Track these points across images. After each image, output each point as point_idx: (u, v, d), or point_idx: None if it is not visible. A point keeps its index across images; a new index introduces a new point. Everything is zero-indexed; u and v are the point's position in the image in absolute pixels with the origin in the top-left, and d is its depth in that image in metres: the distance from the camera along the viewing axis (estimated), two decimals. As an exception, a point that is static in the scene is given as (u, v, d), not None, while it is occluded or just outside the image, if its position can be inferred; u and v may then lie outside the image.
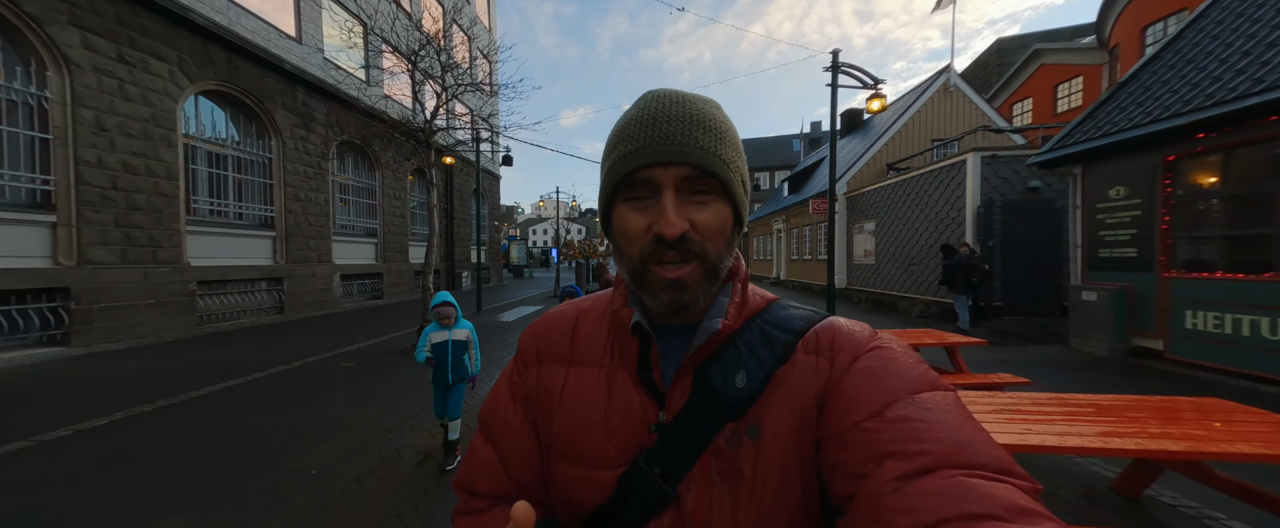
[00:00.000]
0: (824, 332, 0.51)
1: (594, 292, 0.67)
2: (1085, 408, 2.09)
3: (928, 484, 0.34)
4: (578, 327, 0.60)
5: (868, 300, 12.83)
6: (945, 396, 0.43)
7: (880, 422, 0.41)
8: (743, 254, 0.68)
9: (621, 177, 0.50)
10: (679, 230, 0.46)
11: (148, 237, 7.30)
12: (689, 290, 0.49)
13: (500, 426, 0.59)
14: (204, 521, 2.33)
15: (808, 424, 0.47)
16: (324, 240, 11.21)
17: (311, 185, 10.86)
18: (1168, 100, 5.41)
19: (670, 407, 0.51)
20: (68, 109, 6.39)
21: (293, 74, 10.11)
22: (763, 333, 0.53)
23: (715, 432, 0.48)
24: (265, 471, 2.88)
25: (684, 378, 0.52)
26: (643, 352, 0.54)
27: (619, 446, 0.52)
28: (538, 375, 0.59)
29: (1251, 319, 4.59)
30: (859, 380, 0.45)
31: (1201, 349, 5.03)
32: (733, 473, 0.47)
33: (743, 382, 0.49)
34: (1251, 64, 4.76)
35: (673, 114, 0.49)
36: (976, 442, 0.38)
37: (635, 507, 0.49)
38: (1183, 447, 1.66)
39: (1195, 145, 5.12)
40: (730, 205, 0.50)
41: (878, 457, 0.38)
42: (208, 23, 8.07)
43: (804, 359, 0.49)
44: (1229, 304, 4.79)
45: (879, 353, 0.47)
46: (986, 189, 9.01)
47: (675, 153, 0.47)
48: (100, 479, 2.75)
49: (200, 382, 4.86)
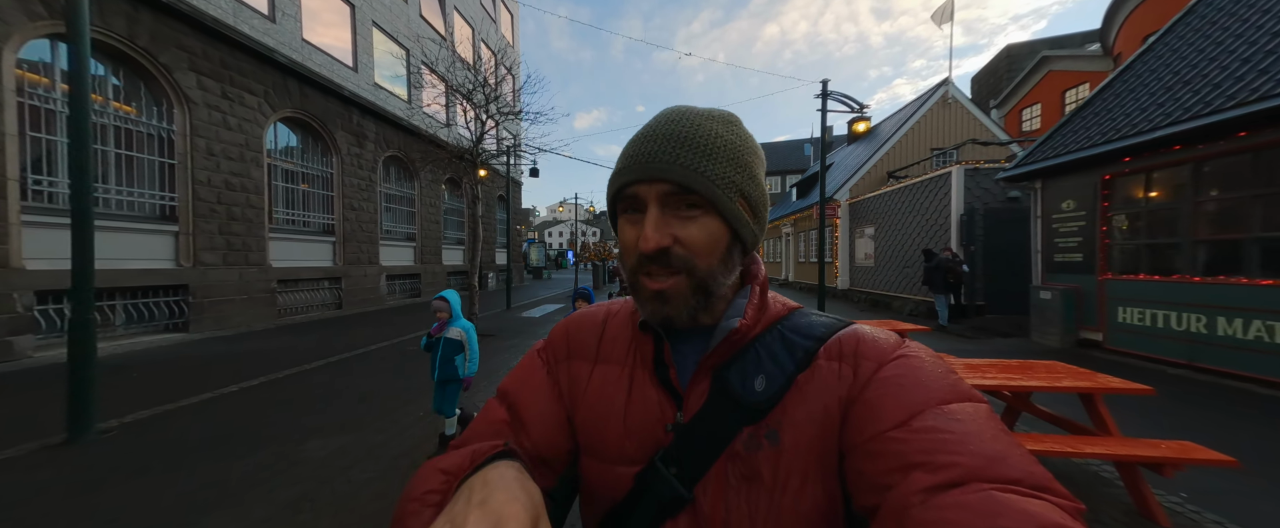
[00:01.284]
0: (847, 339, 0.51)
1: (613, 293, 0.97)
2: (986, 367, 2.97)
3: (958, 497, 0.33)
4: (606, 326, 0.62)
5: (866, 300, 13.73)
6: (977, 407, 0.41)
7: (907, 432, 0.40)
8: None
9: (614, 192, 0.53)
10: (653, 245, 0.48)
11: (242, 243, 8.73)
12: (672, 303, 0.50)
13: (530, 392, 0.59)
14: (361, 436, 3.54)
15: (830, 432, 0.46)
16: (372, 244, 12.64)
17: (363, 196, 12.29)
18: (1107, 127, 6.33)
19: (688, 408, 0.51)
20: (187, 139, 7.83)
21: (349, 99, 11.55)
22: (783, 338, 0.53)
23: (733, 435, 0.48)
24: (384, 414, 4.09)
25: (701, 380, 0.52)
26: (657, 351, 0.55)
27: (637, 443, 0.53)
28: (568, 370, 0.60)
29: (1164, 314, 5.50)
30: (884, 389, 0.44)
31: (1131, 340, 5.93)
32: (751, 477, 0.47)
33: (762, 386, 0.49)
34: (1168, 101, 5.67)
35: (662, 133, 0.50)
36: (1011, 456, 0.36)
37: (651, 506, 0.49)
38: (1012, 383, 2.62)
39: (1123, 167, 6.05)
40: (723, 221, 0.50)
41: (904, 467, 0.37)
42: (287, 61, 9.51)
43: (826, 366, 0.49)
44: (1149, 302, 5.69)
45: (905, 361, 0.46)
46: (970, 199, 9.90)
47: (656, 170, 0.49)
48: (276, 413, 4.00)
49: (308, 358, 6.16)
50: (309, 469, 2.98)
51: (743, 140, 0.52)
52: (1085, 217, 6.61)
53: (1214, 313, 5.00)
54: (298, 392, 4.68)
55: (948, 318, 8.65)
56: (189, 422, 3.82)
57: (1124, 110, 6.31)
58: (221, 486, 2.76)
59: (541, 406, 0.57)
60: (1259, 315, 4.62)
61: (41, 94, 6.20)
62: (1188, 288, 5.29)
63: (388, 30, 13.40)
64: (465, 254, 18.48)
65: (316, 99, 10.61)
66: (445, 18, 16.48)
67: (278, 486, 2.76)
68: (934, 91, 15.70)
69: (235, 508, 2.52)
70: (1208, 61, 5.65)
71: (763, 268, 0.58)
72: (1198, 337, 5.14)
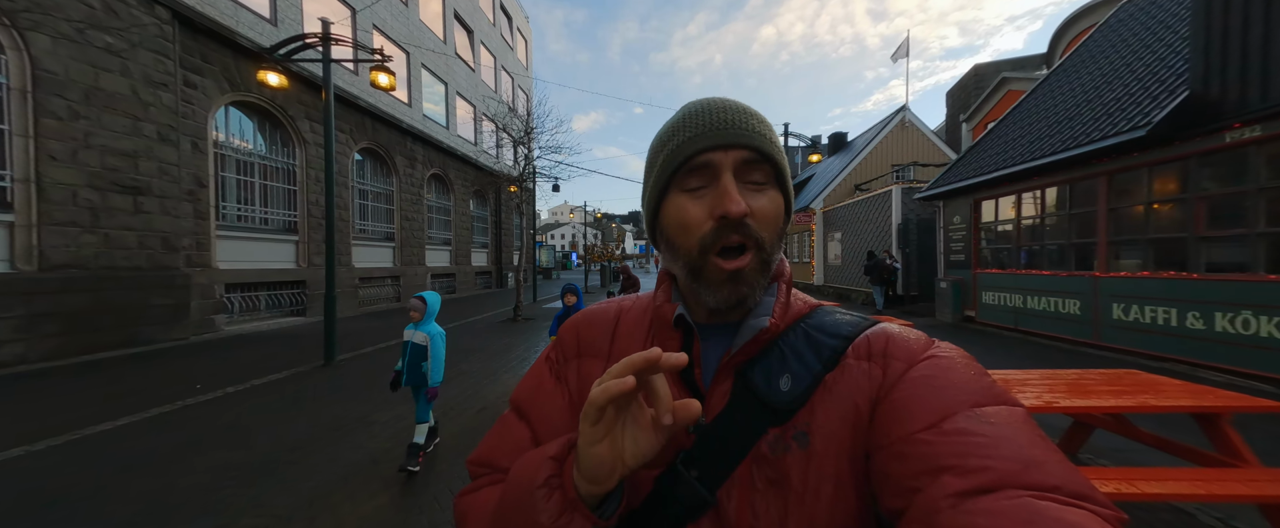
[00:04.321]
0: (876, 337, 0.49)
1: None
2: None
3: (990, 503, 0.32)
4: (619, 323, 0.60)
5: (833, 294, 16.30)
6: (1013, 411, 0.40)
7: (937, 434, 0.38)
8: None
9: (680, 163, 0.49)
10: (744, 208, 0.46)
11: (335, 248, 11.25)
12: (748, 283, 0.48)
13: (541, 404, 0.57)
14: (474, 385, 6.07)
15: (860, 433, 0.45)
16: (421, 248, 15.17)
17: (413, 208, 14.82)
18: (979, 164, 8.90)
19: (710, 408, 0.49)
20: (303, 170, 10.37)
21: (406, 129, 14.10)
22: (808, 337, 0.51)
23: (757, 436, 0.47)
24: (474, 381, 6.63)
25: (725, 379, 0.50)
26: (685, 348, 0.52)
27: None
28: (578, 369, 0.58)
29: (1007, 295, 8.06)
30: (914, 389, 0.43)
31: (992, 314, 8.48)
32: (780, 481, 0.45)
33: (787, 385, 0.48)
34: (1010, 146, 8.24)
35: (727, 106, 0.50)
36: (1047, 462, 0.35)
37: (671, 510, 0.47)
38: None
39: (983, 194, 8.63)
40: (783, 196, 0.50)
41: (934, 470, 0.36)
42: (367, 105, 12.07)
43: (855, 365, 0.48)
44: (1001, 289, 8.25)
45: (936, 361, 0.45)
46: (906, 211, 12.47)
47: (735, 136, 0.47)
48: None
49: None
50: (471, 379, 5.52)
51: None
52: (966, 228, 9.19)
53: (1026, 294, 7.57)
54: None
55: (882, 305, 11.21)
56: (366, 364, 6.35)
57: (988, 154, 8.89)
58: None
59: (559, 419, 0.55)
60: (1052, 295, 7.16)
61: (220, 144, 8.75)
62: (1014, 278, 7.87)
63: (431, 69, 15.96)
64: (489, 256, 21.03)
65: (383, 131, 13.16)
66: (474, 52, 19.08)
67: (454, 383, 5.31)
68: (894, 116, 18.32)
69: (445, 384, 5.07)
70: (1036, 121, 8.24)
71: (788, 265, 0.56)
72: (1021, 310, 7.71)
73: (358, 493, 2.72)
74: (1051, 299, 7.09)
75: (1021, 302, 7.68)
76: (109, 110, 6.56)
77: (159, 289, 7.20)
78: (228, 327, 8.47)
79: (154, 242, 7.16)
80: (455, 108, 17.68)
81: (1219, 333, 4.89)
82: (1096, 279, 6.34)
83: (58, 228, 6.04)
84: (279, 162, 10.04)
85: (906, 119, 18.12)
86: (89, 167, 6.36)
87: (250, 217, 9.39)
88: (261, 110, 9.59)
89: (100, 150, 6.47)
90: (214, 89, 8.32)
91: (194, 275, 7.80)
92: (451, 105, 17.32)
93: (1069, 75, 8.77)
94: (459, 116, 17.95)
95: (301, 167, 10.38)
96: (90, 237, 6.37)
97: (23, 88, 5.76)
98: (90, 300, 6.31)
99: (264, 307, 9.61)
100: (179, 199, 7.55)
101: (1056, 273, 7.06)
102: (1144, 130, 5.26)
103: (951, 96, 34.49)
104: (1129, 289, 5.88)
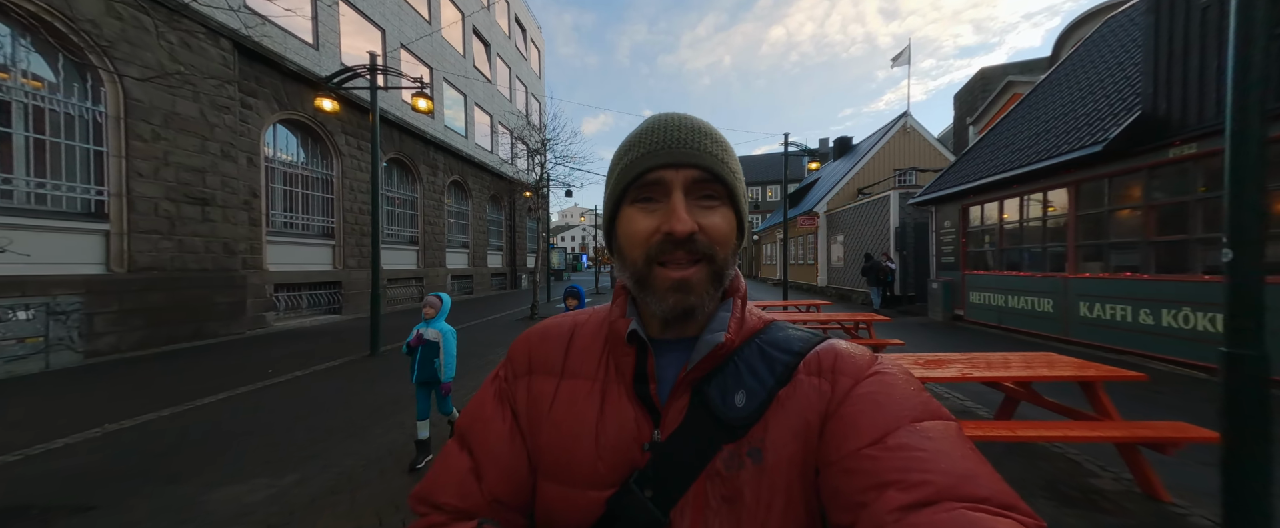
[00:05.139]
0: (825, 353, 0.51)
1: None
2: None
3: (929, 517, 0.34)
4: (573, 338, 0.59)
5: (835, 294, 16.85)
6: (948, 425, 0.43)
7: (881, 449, 0.40)
8: (752, 262, 1.36)
9: (632, 178, 0.50)
10: (689, 227, 0.47)
11: (364, 252, 12.17)
12: (695, 292, 0.48)
13: (481, 431, 0.56)
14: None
15: (810, 447, 0.46)
16: (442, 251, 16.08)
17: (435, 213, 15.74)
18: (966, 173, 9.46)
19: (665, 425, 0.49)
20: (340, 180, 11.31)
21: (429, 140, 15.03)
22: (762, 353, 0.52)
23: (712, 453, 0.47)
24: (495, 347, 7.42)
25: (681, 395, 0.50)
26: (639, 365, 0.52)
27: (610, 464, 0.50)
28: (528, 387, 0.57)
29: (991, 295, 8.62)
30: (860, 405, 0.45)
31: (978, 313, 9.04)
32: (733, 498, 0.45)
33: (742, 402, 0.48)
34: (996, 155, 8.80)
35: (682, 124, 0.52)
36: (979, 475, 0.38)
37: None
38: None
39: (970, 200, 9.19)
40: (735, 213, 0.51)
41: (879, 486, 0.38)
42: (395, 119, 13.01)
43: (806, 381, 0.49)
44: (986, 289, 8.81)
45: (881, 378, 0.47)
46: (903, 215, 13.01)
47: (686, 155, 0.49)
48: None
49: (439, 327, 9.53)
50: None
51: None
52: (955, 232, 9.75)
53: (1008, 294, 8.13)
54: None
55: (879, 304, 11.78)
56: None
57: (976, 162, 9.46)
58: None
59: (500, 449, 0.54)
60: (1028, 295, 7.72)
61: (270, 158, 9.70)
62: (997, 279, 8.43)
63: (452, 82, 16.90)
64: (503, 258, 21.94)
65: (408, 142, 14.10)
66: (491, 64, 20.02)
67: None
68: (896, 122, 18.82)
69: (466, 376, 5.84)
70: (1020, 131, 8.80)
71: (742, 281, 0.57)
72: (1003, 309, 8.27)
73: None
74: (1030, 299, 7.65)
75: (1004, 301, 8.24)
76: (183, 132, 7.50)
77: (221, 289, 8.12)
78: (276, 323, 9.39)
79: (217, 247, 8.08)
80: (474, 118, 18.63)
81: (1165, 328, 5.46)
82: (1067, 280, 6.91)
83: (143, 235, 6.96)
84: (318, 172, 10.99)
85: (908, 124, 18.61)
86: (167, 181, 7.29)
87: (294, 223, 10.33)
88: (304, 127, 10.53)
89: (176, 167, 7.40)
90: (265, 109, 9.26)
91: (249, 277, 8.72)
92: (470, 115, 18.27)
93: (1052, 89, 9.31)
94: (477, 126, 18.89)
95: (338, 177, 11.31)
96: (167, 243, 7.30)
97: (117, 115, 6.70)
98: (167, 299, 7.23)
99: (305, 305, 10.53)
100: (237, 208, 8.48)
101: (1033, 274, 7.62)
102: (1100, 146, 5.85)
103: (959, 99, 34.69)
104: (1093, 289, 6.44)
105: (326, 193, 11.18)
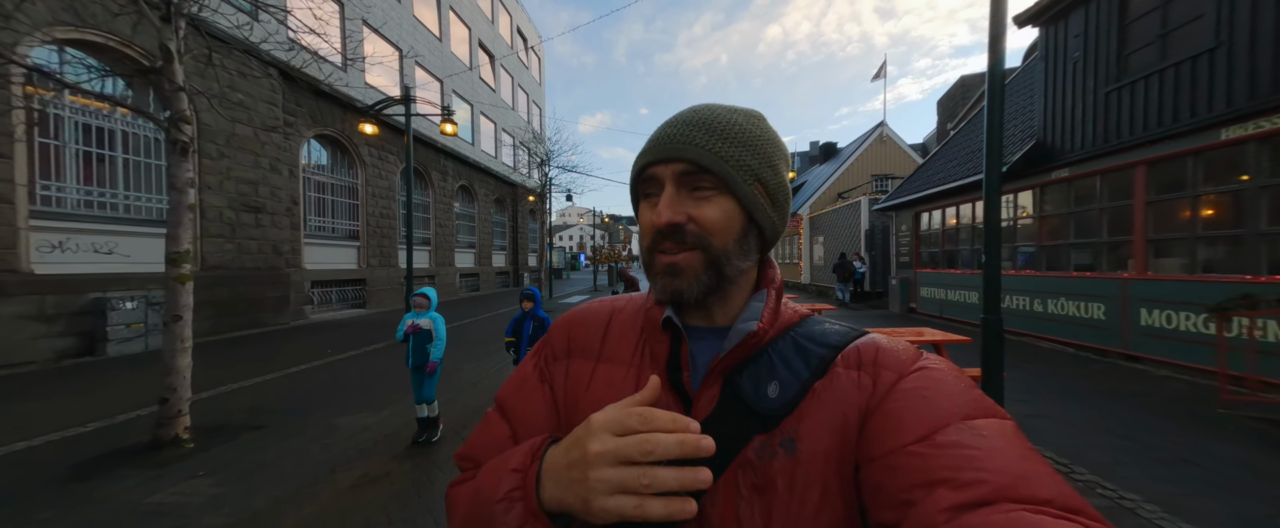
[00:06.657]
0: (866, 347, 0.50)
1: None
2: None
3: (985, 518, 0.32)
4: (611, 324, 0.61)
5: (815, 291, 18.23)
6: (1003, 423, 0.40)
7: (930, 446, 0.39)
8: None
9: (634, 176, 0.55)
10: (665, 220, 0.49)
11: (388, 251, 13.44)
12: (683, 276, 0.50)
13: (523, 404, 0.58)
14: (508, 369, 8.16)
15: (848, 441, 0.45)
16: (451, 251, 17.35)
17: (445, 216, 17.00)
18: (919, 183, 10.82)
19: (697, 413, 0.50)
20: (364, 187, 12.56)
21: (439, 148, 16.27)
22: (797, 345, 0.52)
23: (743, 443, 0.47)
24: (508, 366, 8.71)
25: (712, 384, 0.51)
26: (673, 351, 0.53)
27: None
28: (567, 369, 0.59)
29: (936, 290, 9.99)
30: (906, 401, 0.43)
31: (927, 306, 10.41)
32: (765, 487, 0.45)
33: (774, 392, 0.48)
34: (940, 170, 10.16)
35: (680, 119, 0.53)
36: (1040, 475, 0.36)
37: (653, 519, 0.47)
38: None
39: (920, 208, 10.57)
40: (738, 204, 0.51)
41: (928, 484, 0.36)
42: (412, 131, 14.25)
43: (845, 374, 0.48)
44: (932, 285, 10.18)
45: (927, 373, 0.46)
46: (872, 219, 14.38)
47: (672, 151, 0.50)
48: (454, 345, 8.61)
49: (454, 319, 10.80)
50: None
51: (764, 132, 0.53)
52: (910, 234, 11.12)
53: (948, 289, 9.50)
54: (458, 336, 9.34)
55: (847, 299, 13.17)
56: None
57: (926, 175, 10.83)
58: (472, 349, 7.40)
59: (538, 422, 0.56)
60: (961, 289, 9.09)
61: (306, 169, 10.96)
62: (939, 276, 9.80)
63: (459, 92, 18.15)
64: (506, 257, 23.21)
65: (422, 151, 15.35)
66: (495, 75, 21.27)
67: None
68: (873, 130, 20.22)
69: (483, 358, 7.16)
70: (961, 150, 10.17)
71: (779, 273, 0.57)
72: (944, 301, 9.65)
73: (468, 397, 4.81)
74: (963, 292, 9.03)
75: (944, 295, 9.62)
76: (240, 150, 8.75)
77: (270, 285, 9.38)
78: (313, 315, 10.66)
79: (267, 248, 9.34)
80: (479, 125, 19.87)
81: (1053, 314, 6.83)
82: (988, 276, 8.29)
83: (211, 239, 8.22)
84: (345, 181, 12.24)
85: (884, 133, 20.00)
86: (228, 193, 8.54)
87: (325, 227, 11.58)
88: (333, 140, 11.78)
89: (236, 180, 8.66)
90: (303, 126, 10.51)
91: (291, 274, 9.98)
92: (476, 123, 19.50)
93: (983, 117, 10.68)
94: (482, 133, 20.14)
95: (362, 185, 12.57)
96: (229, 245, 8.55)
97: (192, 137, 7.95)
98: (229, 293, 8.49)
99: (335, 300, 11.80)
100: (281, 215, 9.73)
101: (965, 271, 9.00)
102: (1004, 167, 7.21)
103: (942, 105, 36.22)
104: (1007, 284, 7.81)
105: (351, 199, 12.44)
